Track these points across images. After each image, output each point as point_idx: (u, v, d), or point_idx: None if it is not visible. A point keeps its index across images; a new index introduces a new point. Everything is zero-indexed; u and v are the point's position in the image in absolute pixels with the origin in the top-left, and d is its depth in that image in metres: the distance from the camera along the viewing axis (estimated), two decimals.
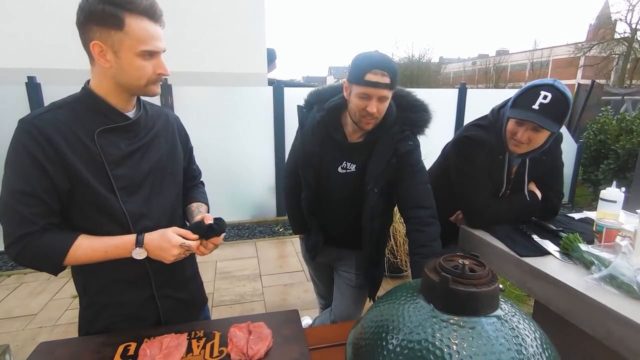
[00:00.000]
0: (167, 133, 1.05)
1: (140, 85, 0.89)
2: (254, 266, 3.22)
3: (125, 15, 0.81)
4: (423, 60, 28.84)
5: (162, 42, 0.88)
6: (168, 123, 1.07)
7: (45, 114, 0.86)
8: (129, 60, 0.84)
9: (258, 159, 4.00)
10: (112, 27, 0.81)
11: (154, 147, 0.99)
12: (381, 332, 0.63)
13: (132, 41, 0.83)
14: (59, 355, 0.87)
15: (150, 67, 0.87)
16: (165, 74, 0.90)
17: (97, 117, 0.90)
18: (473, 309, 0.59)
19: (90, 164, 0.87)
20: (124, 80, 0.87)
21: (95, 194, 0.88)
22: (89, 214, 0.90)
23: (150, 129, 1.00)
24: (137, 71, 0.86)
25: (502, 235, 1.32)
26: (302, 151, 1.33)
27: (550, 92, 1.19)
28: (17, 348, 2.14)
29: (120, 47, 0.83)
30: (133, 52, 0.84)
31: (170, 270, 1.01)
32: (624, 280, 0.95)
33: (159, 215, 0.98)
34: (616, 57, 18.97)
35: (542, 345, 0.59)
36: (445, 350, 0.55)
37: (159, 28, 0.88)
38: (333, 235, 1.43)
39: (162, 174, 1.00)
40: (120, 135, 0.92)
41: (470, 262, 0.65)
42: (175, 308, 1.07)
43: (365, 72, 1.10)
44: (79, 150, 0.86)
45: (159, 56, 0.89)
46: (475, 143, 1.37)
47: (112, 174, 0.89)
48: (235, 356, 0.84)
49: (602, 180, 4.38)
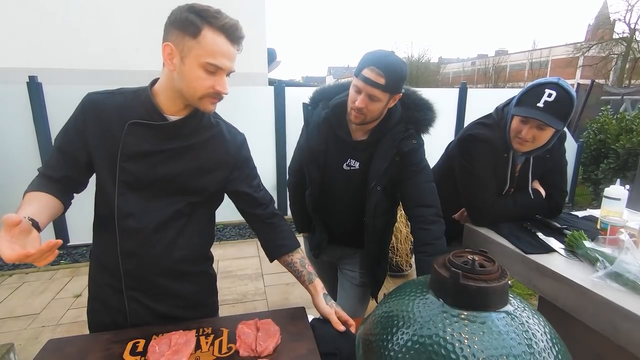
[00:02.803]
0: (207, 148, 1.01)
1: (195, 96, 0.89)
2: (256, 265, 3.23)
3: (205, 26, 0.83)
4: (422, 60, 28.91)
5: (231, 63, 0.89)
6: (214, 138, 1.03)
7: (101, 94, 0.95)
8: (191, 68, 0.86)
9: (259, 158, 3.90)
10: (189, 34, 0.84)
11: (180, 157, 0.97)
12: (391, 328, 0.63)
13: (200, 51, 0.84)
14: (68, 352, 0.87)
15: (210, 81, 0.88)
16: (223, 92, 0.91)
17: (139, 111, 0.93)
18: (483, 304, 0.60)
19: (109, 150, 0.92)
20: (181, 86, 0.89)
21: (102, 177, 0.94)
22: (98, 192, 0.99)
23: (189, 139, 0.98)
24: (195, 81, 0.87)
25: (507, 233, 1.32)
26: (307, 148, 1.33)
27: (554, 90, 1.20)
28: (20, 347, 2.15)
29: (189, 54, 0.85)
30: (198, 61, 0.85)
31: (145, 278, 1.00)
32: (629, 277, 0.96)
33: (148, 220, 0.96)
34: (615, 57, 19.00)
35: (552, 340, 0.60)
36: (457, 345, 0.55)
37: (234, 49, 0.89)
38: (337, 233, 1.43)
39: (178, 184, 0.98)
40: (150, 133, 0.93)
41: (480, 258, 0.66)
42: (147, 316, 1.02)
43: (364, 66, 1.11)
44: (105, 134, 0.92)
45: (222, 74, 0.89)
46: (479, 141, 1.38)
47: (121, 165, 0.92)
48: (244, 352, 0.84)
49: (602, 180, 4.39)
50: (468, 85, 4.58)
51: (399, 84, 1.13)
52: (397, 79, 1.11)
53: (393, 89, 1.12)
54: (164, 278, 1.01)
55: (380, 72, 1.08)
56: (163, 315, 1.04)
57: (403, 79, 1.14)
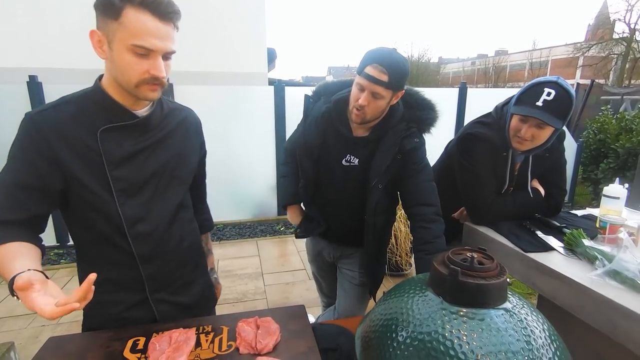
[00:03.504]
0: (179, 133, 1.00)
1: (130, 84, 0.82)
2: (256, 265, 3.23)
3: (125, 5, 0.76)
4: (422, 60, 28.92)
5: (164, 42, 0.80)
6: (184, 123, 1.02)
7: (48, 110, 0.84)
8: (119, 54, 0.79)
9: (259, 158, 4.00)
10: (110, 16, 0.77)
11: (162, 148, 0.95)
12: (390, 325, 0.64)
13: (124, 33, 0.77)
14: (69, 350, 0.87)
15: (143, 65, 0.80)
16: (160, 76, 0.82)
17: (103, 114, 0.86)
18: (482, 301, 0.60)
19: (89, 163, 0.85)
20: (116, 75, 0.82)
21: (92, 194, 0.86)
22: (85, 213, 0.88)
23: (162, 129, 0.95)
24: (126, 67, 0.80)
25: (506, 232, 1.33)
26: (302, 141, 1.34)
27: (554, 89, 1.20)
28: (20, 346, 2.15)
29: (114, 38, 0.78)
30: (124, 45, 0.78)
31: (167, 275, 1.00)
32: (628, 275, 0.96)
33: (158, 220, 0.95)
34: (615, 57, 19.00)
35: (550, 337, 0.60)
36: (456, 342, 0.56)
37: (165, 27, 0.80)
38: (337, 231, 1.43)
39: (169, 176, 0.96)
40: (126, 134, 0.88)
41: (479, 255, 0.66)
42: (174, 311, 1.03)
43: (367, 64, 1.11)
44: (78, 149, 0.83)
45: (156, 56, 0.80)
46: (478, 140, 1.38)
47: (112, 174, 0.86)
48: (244, 350, 0.84)
49: (601, 180, 4.39)
50: (468, 85, 4.59)
51: (401, 80, 1.13)
52: (400, 75, 1.12)
53: (396, 86, 1.13)
54: (180, 270, 1.04)
55: (383, 70, 1.09)
56: (187, 306, 1.07)
57: (406, 75, 1.14)
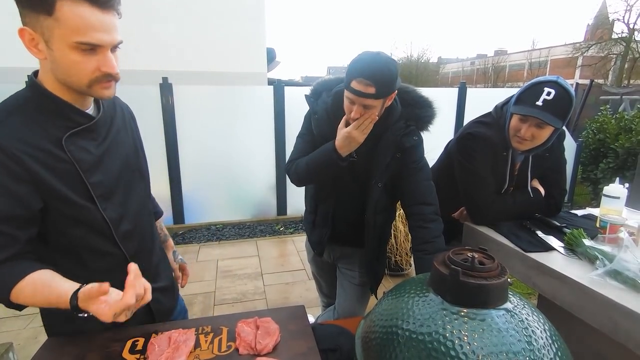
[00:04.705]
0: (125, 125, 0.97)
1: (82, 84, 0.75)
2: (255, 265, 3.23)
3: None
4: (422, 60, 28.95)
5: (109, 35, 0.73)
6: (123, 114, 0.98)
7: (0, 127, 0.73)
8: (62, 53, 0.71)
9: (259, 158, 4.00)
10: (42, 12, 0.68)
11: (118, 145, 0.91)
12: (391, 325, 0.63)
13: (63, 30, 0.69)
14: (67, 351, 0.86)
15: (91, 63, 0.73)
16: (111, 72, 0.75)
17: (57, 121, 0.78)
18: (483, 302, 0.60)
19: (64, 175, 0.78)
20: (61, 76, 0.75)
21: (73, 207, 0.80)
22: (64, 229, 0.82)
23: (110, 125, 0.90)
24: (73, 67, 0.72)
25: (506, 232, 1.33)
26: (318, 136, 1.30)
27: (553, 88, 1.20)
28: (19, 347, 2.14)
29: (52, 36, 0.70)
30: (66, 43, 0.70)
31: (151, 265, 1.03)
32: (628, 275, 0.96)
33: (134, 215, 0.94)
34: (614, 57, 19.03)
35: (552, 337, 0.60)
36: (456, 342, 0.56)
37: (108, 17, 0.72)
38: (338, 230, 1.42)
39: (131, 170, 0.94)
40: (87, 137, 0.83)
41: (480, 255, 0.66)
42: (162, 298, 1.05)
43: (352, 79, 1.08)
44: (48, 162, 0.76)
45: (104, 51, 0.73)
46: (478, 140, 1.38)
47: (90, 182, 0.82)
48: (244, 350, 0.84)
49: (601, 179, 4.40)
50: (467, 85, 4.59)
51: (390, 86, 1.10)
52: (387, 83, 1.08)
53: (385, 93, 1.10)
54: (157, 257, 1.07)
55: (368, 82, 1.05)
56: (164, 289, 1.08)
57: (394, 79, 1.10)
